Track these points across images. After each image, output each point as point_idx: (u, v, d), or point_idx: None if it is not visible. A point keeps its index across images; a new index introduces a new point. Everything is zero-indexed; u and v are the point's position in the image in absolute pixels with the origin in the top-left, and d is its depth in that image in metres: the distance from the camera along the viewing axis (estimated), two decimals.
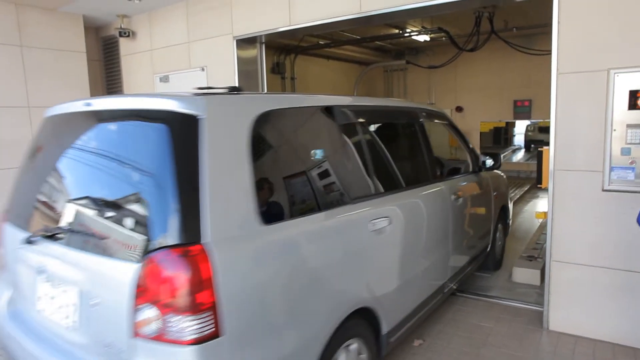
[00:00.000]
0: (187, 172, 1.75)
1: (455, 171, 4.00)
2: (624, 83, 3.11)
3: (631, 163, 3.16)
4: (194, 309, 1.65)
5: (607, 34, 3.10)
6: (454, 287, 3.79)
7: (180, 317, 1.65)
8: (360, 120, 2.85)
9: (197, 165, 1.75)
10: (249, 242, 1.89)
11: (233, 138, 1.92)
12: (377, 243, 2.61)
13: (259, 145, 2.02)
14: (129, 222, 1.85)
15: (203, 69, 5.44)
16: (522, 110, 11.21)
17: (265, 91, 5.51)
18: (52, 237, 2.11)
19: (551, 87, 3.36)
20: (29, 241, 2.19)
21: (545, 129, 17.34)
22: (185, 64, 5.62)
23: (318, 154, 2.38)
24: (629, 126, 3.13)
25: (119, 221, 1.88)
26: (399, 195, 2.93)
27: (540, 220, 6.37)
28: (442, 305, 4.01)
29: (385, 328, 2.67)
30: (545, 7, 7.60)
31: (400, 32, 9.17)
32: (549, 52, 5.21)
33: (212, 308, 1.68)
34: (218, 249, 1.73)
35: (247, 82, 5.27)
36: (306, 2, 4.50)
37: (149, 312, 1.69)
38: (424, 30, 8.66)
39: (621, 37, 3.06)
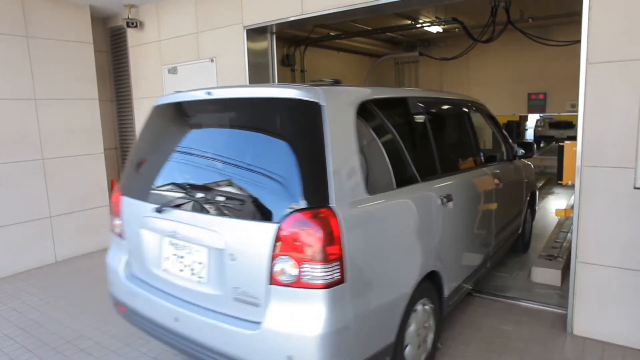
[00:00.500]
0: (316, 148, 2.12)
1: (494, 158, 4.24)
2: None
3: None
4: (326, 259, 2.01)
5: None
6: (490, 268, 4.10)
7: (314, 266, 2.01)
8: (433, 110, 3.40)
9: (323, 142, 2.12)
10: (359, 208, 2.24)
11: (343, 121, 2.31)
12: (443, 215, 2.99)
13: (361, 128, 2.40)
14: (267, 190, 2.20)
15: (212, 60, 5.29)
16: (536, 103, 10.94)
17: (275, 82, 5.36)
18: (180, 206, 2.45)
19: (580, 78, 3.17)
20: (158, 210, 2.52)
21: (557, 125, 16.91)
22: (194, 55, 5.47)
23: (401, 136, 2.82)
24: None
25: (257, 190, 2.23)
26: (458, 176, 3.34)
27: (559, 217, 6.16)
28: (459, 306, 3.86)
29: (446, 292, 3.06)
30: None
31: (413, 23, 8.95)
32: (570, 43, 5.11)
33: (339, 259, 2.05)
34: (340, 211, 2.08)
35: (257, 73, 5.12)
36: None
37: (286, 263, 2.06)
38: (437, 20, 8.43)
39: None
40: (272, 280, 2.09)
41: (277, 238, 2.06)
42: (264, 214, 2.16)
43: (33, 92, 5.22)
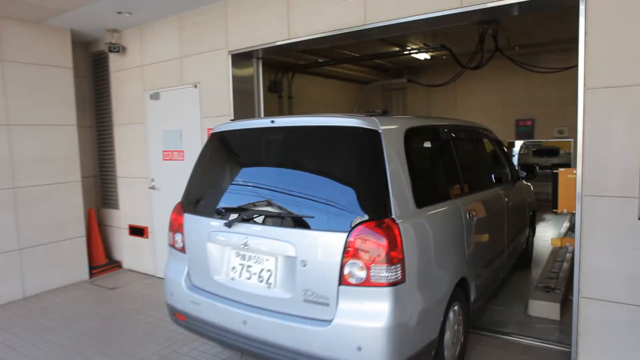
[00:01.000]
0: (377, 168, 2.49)
1: (503, 179, 4.61)
2: None
3: None
4: (390, 262, 2.34)
5: None
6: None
7: (380, 267, 2.34)
8: (459, 135, 3.85)
9: (384, 164, 2.48)
10: (412, 219, 2.58)
11: (396, 145, 2.65)
12: (469, 228, 3.31)
13: (408, 151, 2.72)
14: (336, 204, 2.53)
15: (196, 86, 5.13)
16: (524, 129, 10.97)
17: (262, 111, 5.20)
18: (250, 220, 2.76)
19: (578, 104, 3.03)
20: (227, 225, 2.81)
21: (540, 152, 16.94)
22: (177, 80, 5.31)
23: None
24: None
25: (327, 204, 2.54)
26: (479, 194, 3.77)
27: (554, 246, 5.98)
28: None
29: (472, 297, 3.36)
30: (551, 25, 7.39)
31: (400, 50, 8.95)
32: (559, 69, 5.32)
33: (401, 262, 2.38)
34: (400, 222, 2.43)
35: (242, 100, 4.95)
36: (306, 13, 4.22)
37: (355, 267, 2.38)
38: (425, 47, 8.44)
39: None
40: (342, 282, 2.42)
41: (347, 245, 2.40)
42: (335, 225, 2.48)
43: (6, 117, 4.98)
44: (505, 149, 5.05)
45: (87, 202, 6.06)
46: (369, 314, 2.35)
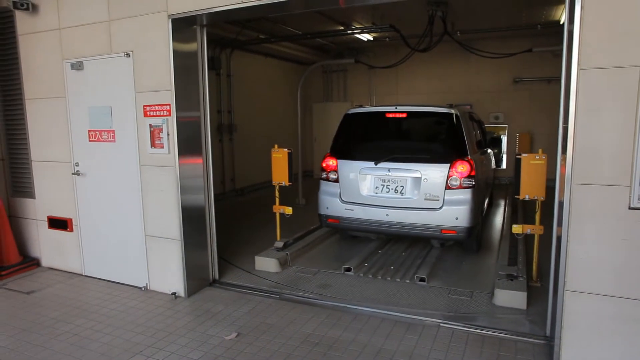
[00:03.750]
0: (460, 133, 5.04)
1: (485, 145, 6.98)
2: None
3: None
4: (470, 175, 4.85)
5: None
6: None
7: (466, 179, 4.84)
8: (475, 117, 6.78)
9: (462, 131, 5.04)
10: (474, 158, 5.06)
11: (463, 122, 5.15)
12: (484, 167, 6.10)
13: (465, 123, 5.27)
14: (442, 150, 5.15)
15: (128, 55, 4.39)
16: None
17: (207, 86, 4.59)
18: (391, 160, 5.07)
19: (570, 86, 2.83)
20: (375, 163, 5.10)
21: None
22: (105, 48, 4.53)
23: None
24: None
25: (437, 151, 5.18)
26: (483, 150, 6.41)
27: (519, 233, 5.96)
28: (432, 345, 3.38)
29: (484, 210, 6.22)
30: (493, 11, 7.34)
31: (345, 29, 8.59)
32: (508, 55, 7.61)
33: (474, 177, 4.88)
34: (472, 158, 5.01)
35: (184, 73, 4.32)
36: None
37: (454, 179, 4.85)
38: (373, 27, 8.14)
39: None
40: (447, 187, 4.82)
41: (450, 169, 4.83)
42: (442, 161, 4.88)
43: None
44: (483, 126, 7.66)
45: None
46: (461, 202, 4.79)
